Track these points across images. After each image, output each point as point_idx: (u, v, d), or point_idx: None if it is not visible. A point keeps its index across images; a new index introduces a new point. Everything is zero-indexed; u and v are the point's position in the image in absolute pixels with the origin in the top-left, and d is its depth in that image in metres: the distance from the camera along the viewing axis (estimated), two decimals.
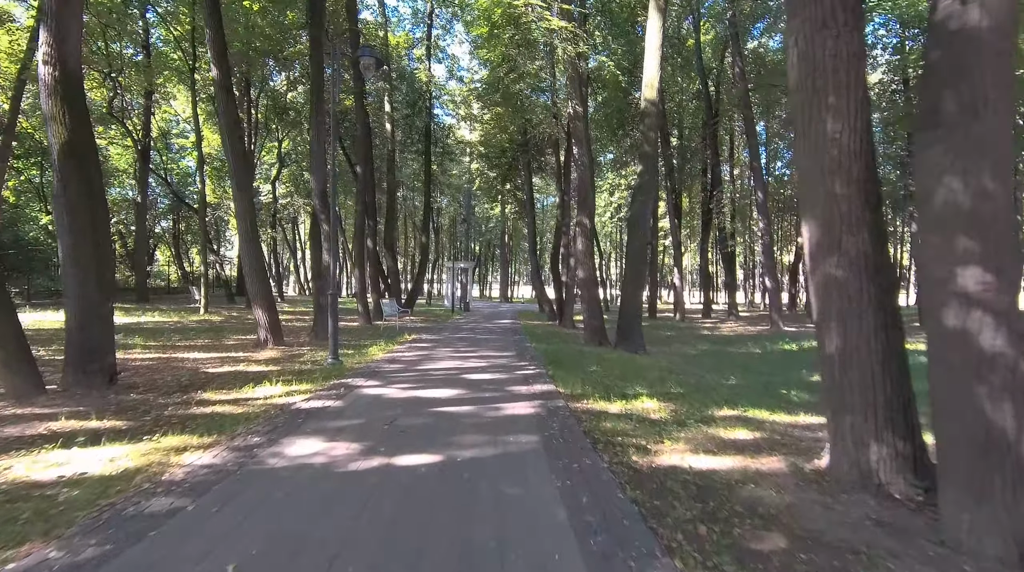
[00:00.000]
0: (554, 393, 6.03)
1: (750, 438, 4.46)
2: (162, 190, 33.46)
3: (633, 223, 10.95)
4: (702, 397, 6.38)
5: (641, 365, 8.95)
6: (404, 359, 8.54)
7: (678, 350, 12.64)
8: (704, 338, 16.10)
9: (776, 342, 14.52)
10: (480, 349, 10.24)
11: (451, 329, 15.15)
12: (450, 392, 5.82)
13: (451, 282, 28.38)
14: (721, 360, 10.84)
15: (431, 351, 9.73)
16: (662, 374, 8.05)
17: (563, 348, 10.79)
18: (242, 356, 8.64)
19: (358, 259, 16.67)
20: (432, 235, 39.27)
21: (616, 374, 7.61)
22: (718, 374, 9.08)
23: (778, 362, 10.81)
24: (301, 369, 7.39)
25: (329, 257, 11.77)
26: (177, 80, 24.16)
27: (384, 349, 9.89)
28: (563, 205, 20.07)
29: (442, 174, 29.37)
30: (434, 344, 10.93)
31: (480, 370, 7.52)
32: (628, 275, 11.01)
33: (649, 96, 10.98)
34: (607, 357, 9.64)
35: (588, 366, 8.39)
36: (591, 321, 11.98)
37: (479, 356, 9.15)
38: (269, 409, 4.86)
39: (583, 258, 12.15)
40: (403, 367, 7.66)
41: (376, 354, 9.12)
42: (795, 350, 13.08)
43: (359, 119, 16.10)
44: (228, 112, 9.87)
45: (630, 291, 10.96)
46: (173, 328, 13.48)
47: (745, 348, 13.59)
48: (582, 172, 12.13)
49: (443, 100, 25.06)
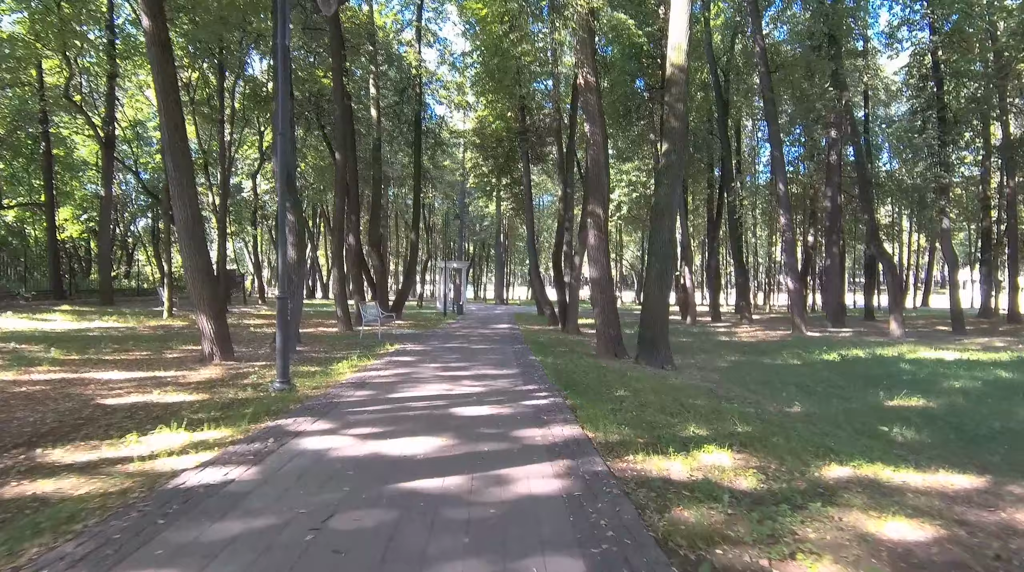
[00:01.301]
0: (583, 441, 4.19)
1: (924, 538, 2.65)
2: (137, 185, 31.31)
3: (659, 211, 9.14)
4: (783, 441, 4.57)
5: (676, 387, 7.13)
6: (377, 381, 6.66)
7: (706, 362, 10.84)
8: (726, 346, 14.31)
9: (811, 351, 12.75)
10: (475, 364, 8.37)
11: (441, 336, 13.27)
12: (430, 445, 3.95)
13: (443, 283, 26.48)
14: (765, 375, 9.05)
15: (414, 368, 7.85)
16: (710, 401, 6.23)
17: (575, 363, 8.95)
18: (171, 377, 6.73)
19: (336, 257, 14.76)
20: (424, 233, 37.39)
21: (654, 403, 5.78)
22: (773, 396, 7.28)
23: (834, 377, 9.03)
24: (234, 399, 5.50)
25: (294, 252, 9.90)
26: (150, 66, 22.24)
27: (356, 365, 8.00)
28: (565, 198, 18.27)
29: (434, 167, 27.47)
30: (419, 357, 9.06)
31: (475, 400, 5.66)
32: (652, 274, 9.20)
33: (676, 61, 9.18)
34: (632, 375, 7.81)
35: (613, 390, 6.56)
36: (606, 329, 10.16)
37: (473, 376, 7.28)
38: (128, 491, 2.97)
39: (596, 254, 10.33)
40: (372, 395, 5.78)
41: (343, 373, 7.23)
42: (838, 360, 11.31)
43: (337, 98, 14.20)
44: (164, 73, 7.96)
45: (655, 293, 9.15)
46: (117, 336, 11.52)
47: (780, 358, 11.81)
48: (595, 153, 10.32)
49: (434, 88, 23.16)
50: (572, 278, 16.56)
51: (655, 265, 9.17)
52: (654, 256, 9.21)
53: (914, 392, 7.44)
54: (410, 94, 21.53)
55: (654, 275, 9.15)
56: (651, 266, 9.23)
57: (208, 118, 23.87)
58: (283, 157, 10.03)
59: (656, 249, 9.21)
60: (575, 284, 16.36)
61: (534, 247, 19.27)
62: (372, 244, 19.44)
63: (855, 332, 18.44)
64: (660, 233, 9.10)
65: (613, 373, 7.98)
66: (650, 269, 9.27)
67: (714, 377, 8.90)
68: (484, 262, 56.02)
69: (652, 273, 9.22)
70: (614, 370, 8.31)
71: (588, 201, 10.52)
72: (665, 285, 9.27)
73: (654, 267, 9.18)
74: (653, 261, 9.19)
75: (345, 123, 14.37)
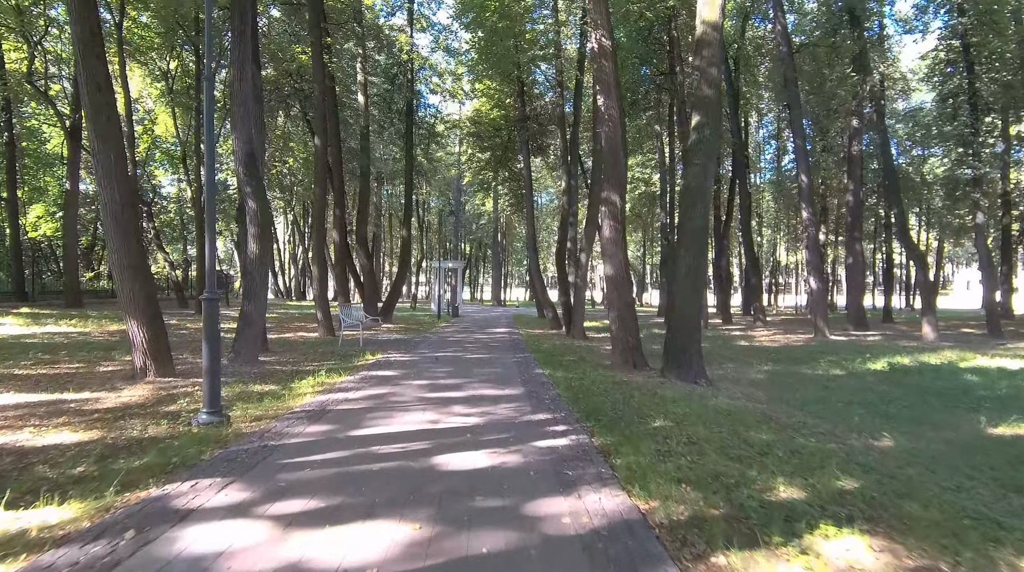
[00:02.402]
0: (636, 524, 2.68)
1: None
2: None
3: (690, 195, 7.66)
4: (920, 508, 3.10)
5: (723, 411, 5.62)
6: (342, 408, 5.13)
7: (737, 373, 9.36)
8: (751, 352, 12.83)
9: (850, 358, 11.30)
10: (470, 380, 6.85)
11: (433, 343, 11.73)
12: (393, 542, 2.42)
13: (438, 284, 24.96)
14: (815, 391, 7.57)
15: (394, 386, 6.31)
16: (777, 435, 4.73)
17: (589, 377, 7.45)
18: (77, 402, 5.19)
19: (317, 254, 13.22)
20: (417, 231, 35.85)
21: (707, 439, 4.30)
22: (843, 421, 5.79)
23: (896, 393, 7.55)
24: (137, 438, 3.98)
25: (256, 245, 8.38)
26: (131, 57, 20.62)
27: (322, 383, 6.47)
28: (569, 191, 16.79)
29: (428, 162, 25.95)
30: (403, 371, 7.52)
31: (468, 440, 4.14)
32: (681, 270, 7.71)
33: (709, 17, 7.72)
34: (663, 395, 6.30)
35: (648, 418, 5.06)
36: (624, 336, 8.66)
37: (468, 398, 5.76)
38: None
39: (611, 248, 8.83)
40: (329, 432, 4.25)
41: (302, 395, 5.70)
42: (886, 370, 9.86)
43: (316, 76, 12.67)
44: (82, 21, 6.42)
45: (685, 293, 7.65)
46: (58, 343, 9.94)
47: (818, 367, 10.33)
48: (610, 130, 8.82)
49: (428, 75, 21.67)
50: (577, 278, 15.07)
51: (685, 259, 7.67)
52: (684, 248, 7.71)
53: (1016, 414, 5.98)
54: (401, 81, 20.02)
55: (684, 271, 7.66)
56: (680, 260, 7.74)
57: (188, 108, 22.35)
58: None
59: (686, 239, 7.71)
60: (581, 284, 14.87)
61: (534, 244, 17.79)
62: (359, 241, 17.90)
63: (883, 336, 17.01)
64: (691, 220, 7.61)
65: (640, 392, 6.47)
66: (678, 264, 7.77)
67: (758, 395, 7.40)
68: (481, 262, 54.49)
69: (681, 268, 7.72)
70: (640, 387, 6.81)
71: (602, 187, 9.03)
72: (698, 283, 7.77)
73: (684, 262, 7.68)
74: (683, 254, 7.69)
75: (325, 104, 12.84)
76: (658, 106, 23.04)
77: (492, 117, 19.88)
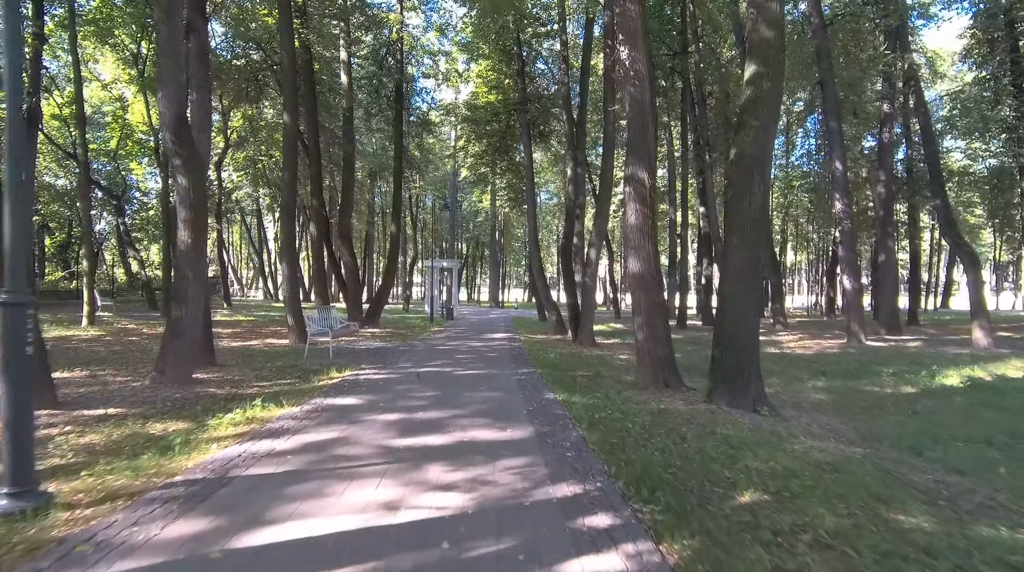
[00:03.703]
0: None
1: None
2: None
3: (744, 167, 5.88)
4: None
5: (827, 467, 3.83)
6: (255, 472, 3.31)
7: (791, 392, 7.58)
8: (789, 362, 11.05)
9: (912, 370, 9.54)
10: (457, 417, 5.03)
11: (420, 353, 9.91)
12: None
13: (431, 285, 23.16)
14: (916, 424, 5.80)
15: (349, 427, 4.48)
16: (949, 526, 2.95)
17: (617, 405, 5.66)
18: None
19: (287, 248, 11.40)
20: (410, 229, 34.03)
21: (845, 536, 2.51)
22: (998, 477, 4.01)
23: (1012, 422, 5.80)
24: None
25: (188, 234, 6.57)
26: (97, 39, 18.69)
27: (252, 418, 4.66)
28: (576, 180, 15.01)
29: (420, 153, 24.15)
30: (370, 398, 5.69)
31: (443, 564, 2.35)
32: (733, 265, 5.94)
33: None
34: (727, 436, 4.50)
35: (730, 490, 3.27)
36: (653, 347, 6.89)
37: (452, 452, 3.94)
38: None
39: (638, 238, 7.05)
40: (198, 541, 2.43)
41: (206, 446, 3.85)
42: (965, 387, 8.10)
43: (284, 43, 10.85)
44: None
45: (739, 293, 5.88)
46: None
47: (882, 383, 8.57)
48: (636, 91, 7.05)
49: (420, 55, 19.85)
50: (586, 276, 13.28)
51: (738, 251, 5.88)
52: (736, 236, 5.92)
53: None
54: (390, 64, 18.20)
55: (738, 266, 5.87)
56: (730, 253, 5.95)
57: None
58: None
59: (739, 224, 5.92)
60: (590, 283, 13.08)
61: (536, 240, 16.02)
62: (342, 236, 16.11)
63: (924, 341, 15.26)
64: (746, 199, 5.82)
65: (692, 429, 4.68)
66: (730, 257, 5.98)
67: (840, 428, 5.63)
68: (479, 262, 52.67)
69: (733, 263, 5.94)
70: (688, 420, 5.02)
71: (627, 162, 7.26)
72: (754, 281, 5.98)
73: (736, 254, 5.90)
74: (735, 245, 5.90)
75: (296, 74, 11.01)
76: (665, 93, 21.29)
77: (489, 99, 18.10)
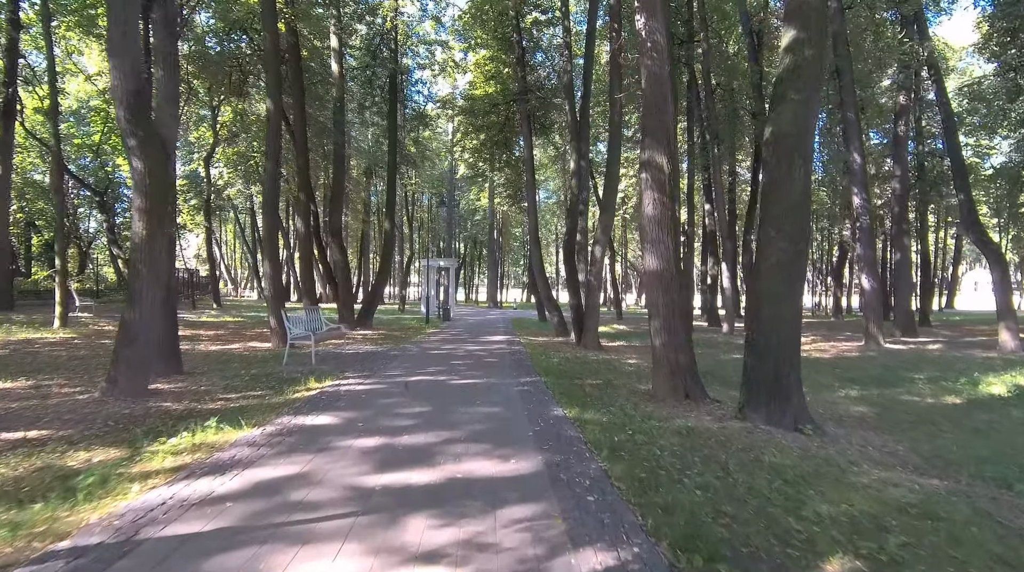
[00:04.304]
0: None
1: None
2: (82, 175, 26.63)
3: (784, 147, 5.07)
4: None
5: (903, 507, 3.03)
6: (174, 532, 2.48)
7: (825, 404, 6.78)
8: (810, 367, 10.25)
9: (948, 378, 8.75)
10: (450, 443, 4.18)
11: (412, 359, 9.08)
12: None
13: (427, 284, 22.33)
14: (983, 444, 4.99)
15: (314, 459, 3.61)
16: None
17: (638, 423, 4.84)
18: None
19: (268, 244, 10.56)
20: (404, 225, 33.21)
21: None
22: None
23: None
24: None
25: (143, 224, 5.74)
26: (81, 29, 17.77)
27: (199, 445, 3.81)
28: (579, 173, 14.20)
29: (415, 145, 23.29)
30: (347, 417, 4.85)
31: None
32: (770, 260, 5.13)
33: None
34: (777, 465, 3.68)
35: (802, 541, 2.46)
36: (672, 354, 6.09)
37: (441, 496, 3.11)
38: None
39: (655, 231, 6.24)
40: None
41: (127, 487, 3.00)
42: (1012, 395, 7.32)
43: (265, 23, 10.02)
44: None
45: (779, 294, 5.07)
46: None
47: (920, 392, 7.79)
48: (655, 65, 6.24)
49: (414, 44, 18.98)
50: (590, 275, 12.48)
51: (777, 243, 5.07)
52: (773, 227, 5.11)
53: None
54: (385, 55, 17.35)
55: (777, 260, 5.06)
56: (770, 245, 5.13)
57: None
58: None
59: (777, 213, 5.11)
60: (594, 283, 12.27)
61: (537, 237, 15.20)
62: (332, 232, 15.28)
63: (945, 344, 14.49)
64: (788, 184, 5.02)
65: (731, 455, 3.87)
66: (767, 250, 5.16)
67: (899, 449, 4.83)
68: (476, 262, 51.83)
69: (770, 258, 5.13)
70: (723, 442, 4.21)
71: (643, 146, 6.44)
72: (796, 278, 5.16)
73: (774, 247, 5.09)
74: (772, 237, 5.09)
75: (276, 53, 10.16)
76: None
77: (488, 90, 17.28)
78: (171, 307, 7.13)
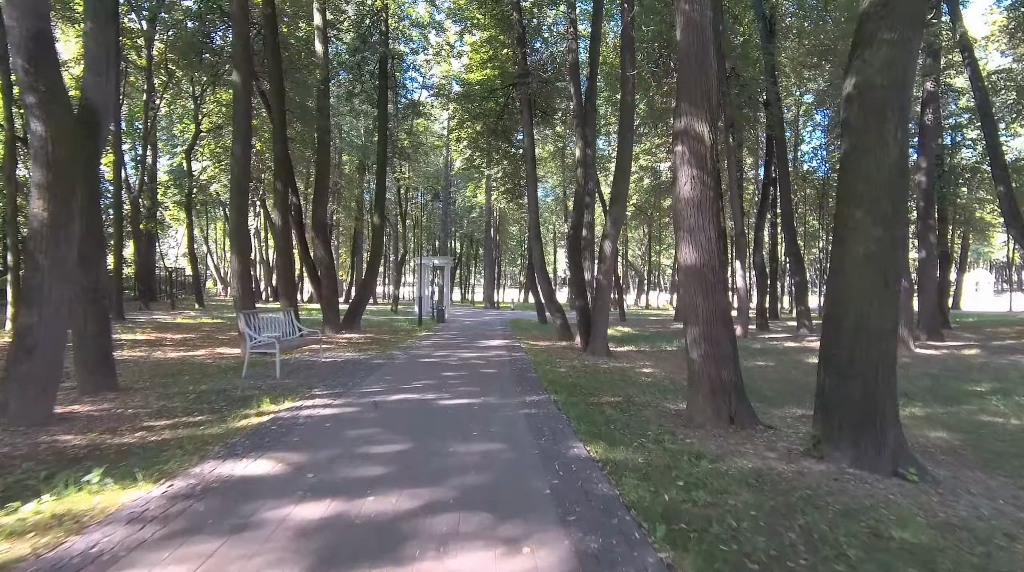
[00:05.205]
0: None
1: None
2: None
3: (873, 103, 3.91)
4: None
5: None
6: None
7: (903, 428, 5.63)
8: None
9: (1016, 387, 7.59)
10: (430, 503, 2.93)
11: (398, 368, 7.82)
12: None
13: (420, 284, 21.06)
14: None
15: (220, 551, 2.37)
16: None
17: (685, 467, 3.61)
18: None
19: (237, 238, 9.29)
20: (398, 222, 31.90)
21: None
22: None
23: None
24: None
25: (42, 202, 4.49)
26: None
27: (64, 515, 2.51)
28: (585, 162, 12.98)
29: (408, 139, 22.04)
30: (296, 462, 3.59)
31: None
32: (856, 251, 3.95)
33: None
34: (899, 538, 2.49)
35: None
36: (714, 369, 4.88)
37: None
38: None
39: (694, 218, 5.03)
40: None
41: None
42: None
43: None
44: None
45: (870, 295, 3.88)
46: None
47: (988, 408, 6.61)
48: (692, 13, 4.99)
49: (406, 27, 17.72)
50: (600, 273, 11.26)
51: (864, 229, 3.87)
52: (859, 208, 3.90)
53: None
54: (374, 39, 16.08)
55: (867, 251, 3.86)
56: (856, 231, 3.92)
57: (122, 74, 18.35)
58: None
59: (865, 188, 3.90)
60: (604, 282, 11.04)
61: (538, 232, 13.96)
62: (316, 227, 14.01)
63: (979, 349, 13.37)
64: (880, 151, 3.82)
65: (841, 526, 2.64)
66: (852, 238, 3.96)
67: None
68: (473, 261, 50.55)
69: (856, 249, 3.92)
70: (811, 499, 2.99)
71: (679, 112, 5.19)
72: (890, 275, 3.95)
73: (860, 234, 3.89)
74: (859, 220, 3.89)
75: (244, 16, 8.86)
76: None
77: (485, 74, 16.04)
78: (100, 308, 5.86)
